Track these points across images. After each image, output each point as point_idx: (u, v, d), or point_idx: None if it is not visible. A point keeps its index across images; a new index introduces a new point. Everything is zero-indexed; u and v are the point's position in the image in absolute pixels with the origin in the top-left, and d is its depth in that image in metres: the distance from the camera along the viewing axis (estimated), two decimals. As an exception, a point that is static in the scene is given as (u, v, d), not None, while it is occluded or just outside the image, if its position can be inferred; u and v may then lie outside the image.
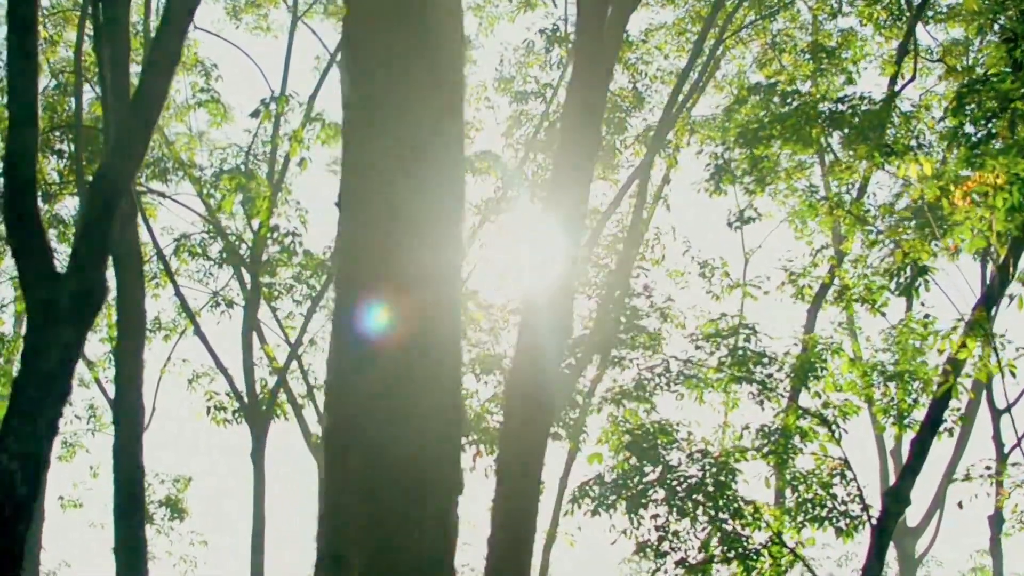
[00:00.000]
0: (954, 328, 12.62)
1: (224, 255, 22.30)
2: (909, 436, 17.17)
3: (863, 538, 16.26)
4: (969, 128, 16.04)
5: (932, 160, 12.41)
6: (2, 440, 10.28)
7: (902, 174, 12.60)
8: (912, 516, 25.49)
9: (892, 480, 23.13)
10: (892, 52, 23.40)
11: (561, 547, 22.43)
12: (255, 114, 19.30)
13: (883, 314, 19.29)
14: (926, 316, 18.07)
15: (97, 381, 24.37)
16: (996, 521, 20.48)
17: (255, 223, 23.05)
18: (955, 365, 13.33)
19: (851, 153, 15.76)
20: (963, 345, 12.50)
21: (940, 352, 12.35)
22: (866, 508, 15.71)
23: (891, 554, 28.07)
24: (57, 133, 21.01)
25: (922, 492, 27.71)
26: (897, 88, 18.88)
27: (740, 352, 15.70)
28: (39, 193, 21.80)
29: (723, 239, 44.82)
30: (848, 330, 21.63)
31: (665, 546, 15.68)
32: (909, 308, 23.24)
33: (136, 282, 15.11)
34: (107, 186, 10.50)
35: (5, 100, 21.00)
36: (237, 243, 22.34)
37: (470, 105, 24.59)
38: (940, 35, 24.02)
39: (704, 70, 22.53)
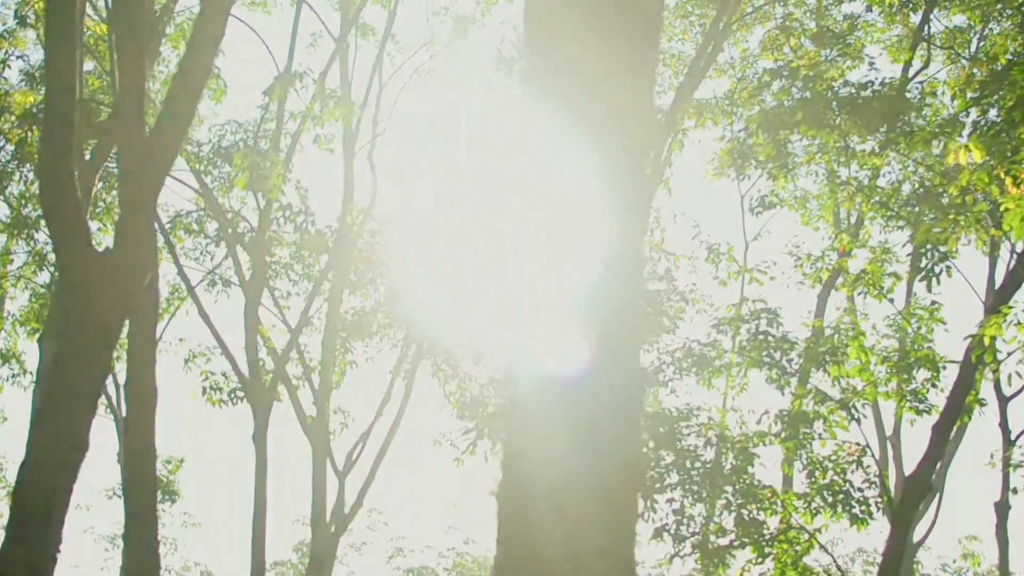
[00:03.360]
0: (1004, 314, 12.56)
1: (220, 233, 22.00)
2: (916, 422, 17.31)
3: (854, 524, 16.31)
4: (971, 117, 16.15)
5: (982, 147, 12.30)
6: (39, 421, 10.04)
7: (951, 160, 12.51)
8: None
9: (891, 466, 23.20)
10: (895, 38, 23.42)
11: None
12: (269, 91, 19.06)
13: (891, 300, 19.32)
14: (933, 303, 18.13)
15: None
16: (1002, 508, 20.55)
17: (251, 201, 22.81)
18: (983, 350, 13.29)
19: (875, 138, 15.73)
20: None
21: (991, 339, 12.27)
22: (886, 493, 15.70)
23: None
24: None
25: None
26: (911, 74, 18.86)
27: (761, 336, 15.62)
28: (27, 164, 21.56)
29: (721, 223, 44.68)
30: (851, 314, 21.64)
31: (684, 530, 15.60)
32: (910, 293, 23.36)
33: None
34: (153, 163, 10.24)
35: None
36: (235, 221, 22.02)
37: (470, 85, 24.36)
38: (942, 22, 23.84)
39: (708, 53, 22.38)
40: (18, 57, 20.54)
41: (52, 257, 23.31)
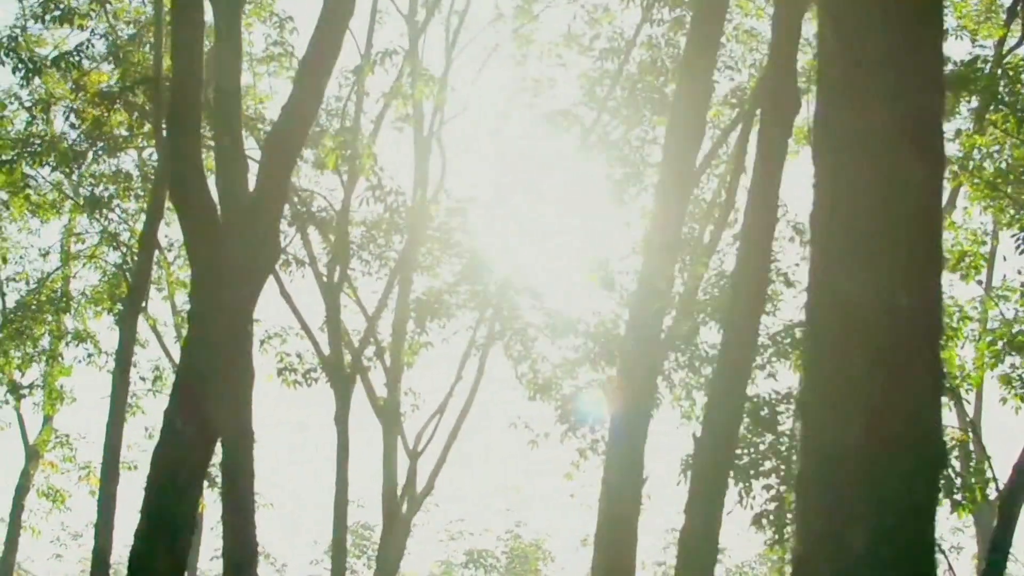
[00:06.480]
0: None
1: (293, 213, 21.83)
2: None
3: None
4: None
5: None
6: (177, 405, 9.89)
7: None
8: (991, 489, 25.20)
9: (973, 450, 22.88)
10: (974, 13, 23.00)
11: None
12: (359, 70, 18.87)
13: (979, 282, 19.01)
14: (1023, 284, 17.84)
15: (160, 341, 23.96)
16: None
17: (323, 181, 22.70)
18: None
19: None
20: None
21: None
22: (993, 480, 15.48)
23: (970, 531, 27.93)
24: (127, 84, 20.30)
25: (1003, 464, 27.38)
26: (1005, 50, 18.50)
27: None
28: (100, 143, 21.44)
29: (795, 203, 43.95)
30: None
31: (784, 517, 15.43)
32: (992, 275, 23.00)
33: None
34: (281, 144, 10.05)
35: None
36: (308, 200, 21.87)
37: (541, 62, 24.09)
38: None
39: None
40: (100, 36, 20.38)
41: (125, 236, 23.26)
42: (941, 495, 15.87)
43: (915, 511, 4.18)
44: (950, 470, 15.76)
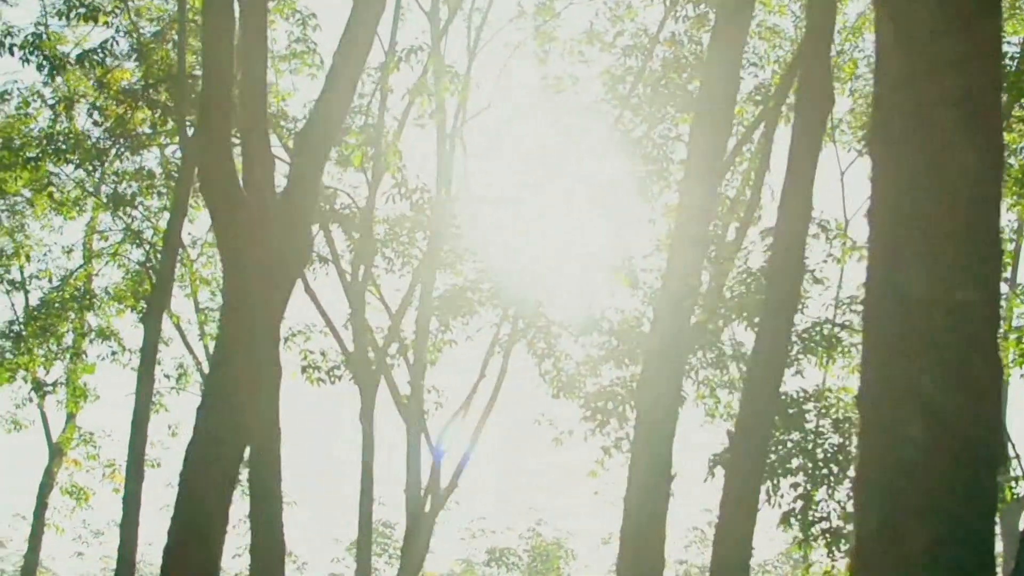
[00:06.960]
0: None
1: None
2: None
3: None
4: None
5: None
6: (210, 402, 9.88)
7: None
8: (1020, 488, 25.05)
9: (999, 448, 22.74)
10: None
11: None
12: (384, 67, 18.83)
13: (1005, 280, 18.88)
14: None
15: (184, 338, 23.98)
16: None
17: (345, 178, 22.70)
18: None
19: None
20: None
21: None
22: (1023, 478, 15.40)
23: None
24: (150, 81, 20.33)
25: None
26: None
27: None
28: (126, 141, 21.48)
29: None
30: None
31: (811, 515, 15.33)
32: (1016, 271, 22.88)
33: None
34: (313, 142, 10.04)
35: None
36: (331, 197, 21.85)
37: (563, 59, 24.05)
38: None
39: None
40: (124, 34, 20.40)
41: (148, 234, 23.31)
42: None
43: (976, 511, 4.12)
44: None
